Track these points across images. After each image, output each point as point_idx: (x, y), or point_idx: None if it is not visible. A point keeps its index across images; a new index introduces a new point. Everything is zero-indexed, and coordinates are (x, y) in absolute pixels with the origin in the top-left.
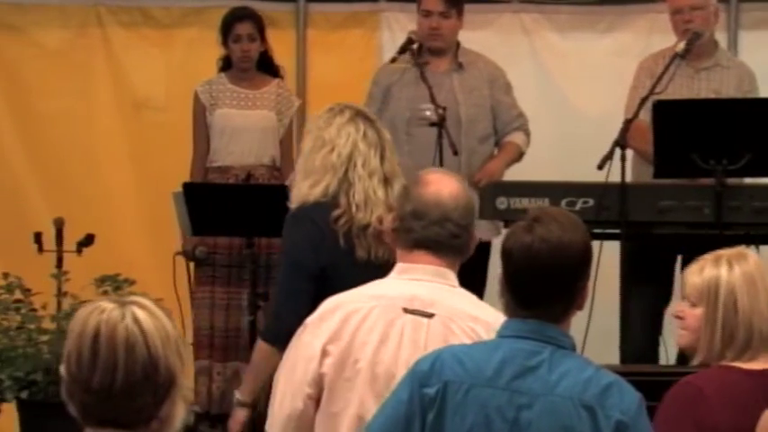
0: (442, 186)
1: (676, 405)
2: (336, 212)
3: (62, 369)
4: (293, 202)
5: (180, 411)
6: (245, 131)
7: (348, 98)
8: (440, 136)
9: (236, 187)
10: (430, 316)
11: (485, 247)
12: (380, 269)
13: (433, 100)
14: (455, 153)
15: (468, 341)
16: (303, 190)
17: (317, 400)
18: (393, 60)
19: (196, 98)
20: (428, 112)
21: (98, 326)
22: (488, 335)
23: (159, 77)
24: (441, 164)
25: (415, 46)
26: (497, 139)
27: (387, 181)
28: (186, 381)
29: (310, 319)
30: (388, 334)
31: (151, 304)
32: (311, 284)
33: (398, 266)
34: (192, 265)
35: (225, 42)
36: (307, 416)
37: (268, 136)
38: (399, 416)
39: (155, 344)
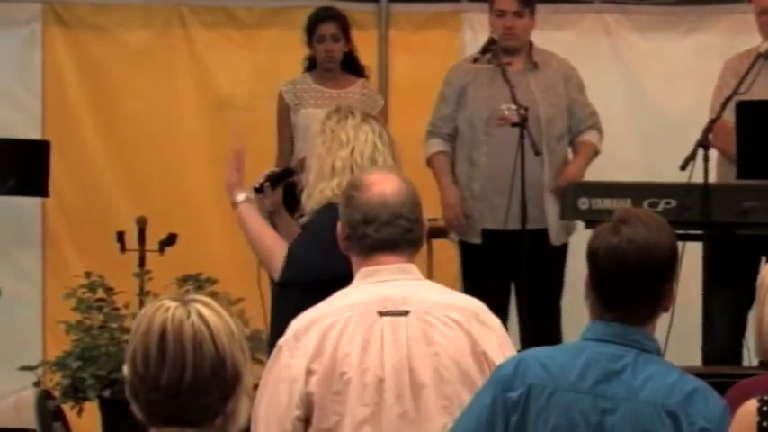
0: (385, 186)
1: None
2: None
3: (125, 369)
4: (313, 204)
5: (244, 407)
6: None
7: (430, 98)
8: (521, 136)
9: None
10: (405, 314)
11: (560, 250)
12: None
13: (514, 100)
14: (537, 153)
15: (447, 330)
16: (327, 192)
17: (305, 420)
18: (475, 60)
19: (280, 98)
20: (508, 112)
21: (164, 324)
22: (467, 319)
23: (242, 77)
24: (522, 164)
25: (497, 46)
26: (571, 138)
27: None
28: (251, 377)
29: (284, 340)
30: (369, 340)
31: (213, 302)
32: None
33: (360, 272)
34: None
35: (309, 42)
36: None
37: None
38: (482, 420)
39: (221, 340)
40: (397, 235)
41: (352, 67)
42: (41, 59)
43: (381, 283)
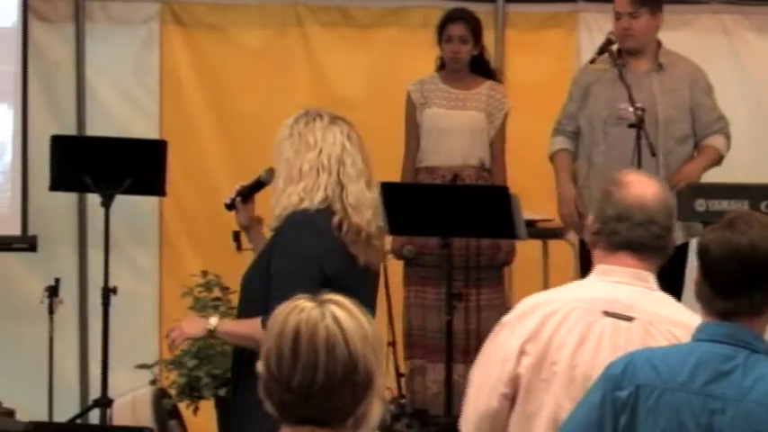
0: (645, 188)
1: None
2: (336, 219)
3: (259, 367)
4: (282, 208)
5: (376, 410)
6: (453, 132)
7: (546, 98)
8: (638, 137)
9: (432, 187)
10: (630, 319)
11: (680, 250)
12: (375, 275)
13: (631, 100)
14: (653, 154)
15: (665, 345)
16: (294, 196)
17: (511, 399)
18: (592, 61)
19: (408, 97)
20: (625, 112)
21: (298, 325)
22: (687, 339)
23: (358, 77)
24: (639, 164)
25: (614, 47)
26: (696, 141)
27: (368, 183)
28: (383, 379)
29: (507, 318)
30: (587, 337)
31: (349, 303)
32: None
33: (599, 268)
34: (400, 264)
35: (439, 42)
36: (501, 414)
37: (476, 137)
38: (592, 419)
39: (354, 343)
40: (648, 239)
41: (481, 68)
42: (159, 59)
43: (614, 284)
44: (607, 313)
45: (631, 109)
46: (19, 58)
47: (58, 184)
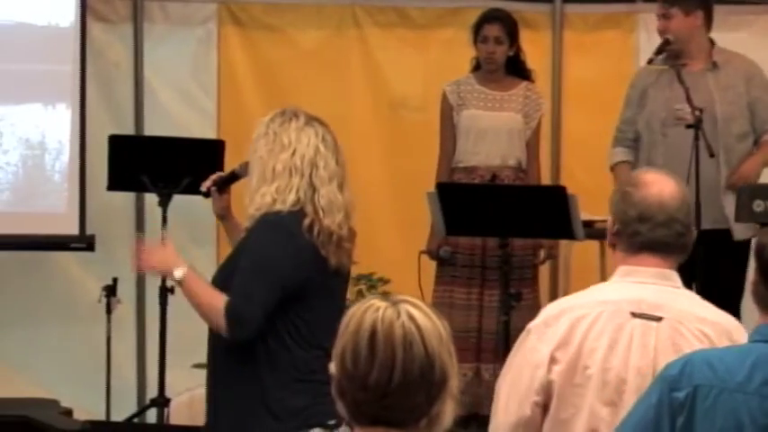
0: (664, 187)
1: None
2: (307, 221)
3: (332, 366)
4: (256, 208)
5: (449, 410)
6: (491, 132)
7: (603, 99)
8: (696, 138)
9: (490, 187)
10: (658, 319)
11: (744, 246)
12: (340, 276)
13: (689, 101)
14: (711, 155)
15: (697, 344)
16: (267, 197)
17: (543, 407)
18: (650, 62)
19: (444, 98)
20: (682, 113)
21: (374, 324)
22: (718, 336)
23: (415, 78)
24: (697, 165)
25: (672, 47)
26: (756, 138)
27: (341, 185)
28: (456, 380)
29: (534, 324)
30: (617, 339)
31: (422, 303)
32: (280, 296)
33: (621, 269)
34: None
35: (475, 42)
36: (534, 423)
37: (514, 138)
38: (648, 419)
39: (431, 342)
40: (671, 237)
41: (517, 69)
42: (216, 59)
43: (639, 284)
44: (635, 314)
45: (689, 109)
46: (77, 59)
47: (115, 183)
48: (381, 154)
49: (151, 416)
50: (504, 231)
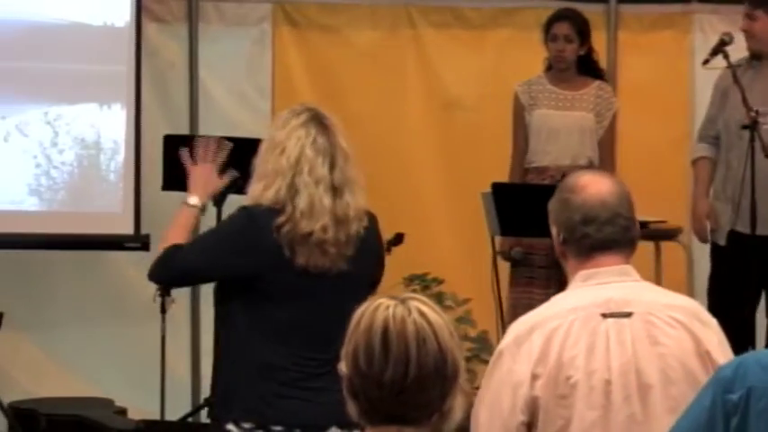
0: (601, 186)
1: None
2: (280, 220)
3: (343, 366)
4: (248, 201)
5: (460, 405)
6: (563, 132)
7: (659, 100)
8: (751, 139)
9: (544, 188)
10: (628, 315)
11: None
12: (317, 278)
13: (744, 102)
14: (766, 156)
15: (671, 330)
16: (256, 192)
17: (528, 425)
18: (705, 62)
19: (516, 98)
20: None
21: (386, 321)
22: (689, 319)
23: (470, 78)
24: (752, 165)
25: (728, 47)
26: None
27: (335, 190)
28: (464, 375)
29: (504, 345)
30: (594, 342)
31: (428, 300)
32: (215, 275)
33: (580, 275)
34: (506, 265)
35: (545, 42)
36: None
37: (586, 137)
38: (701, 422)
39: (443, 337)
40: (618, 234)
41: (589, 68)
42: (271, 59)
43: (602, 286)
44: (606, 315)
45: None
46: (132, 59)
47: (170, 183)
48: (435, 154)
49: (205, 415)
50: None
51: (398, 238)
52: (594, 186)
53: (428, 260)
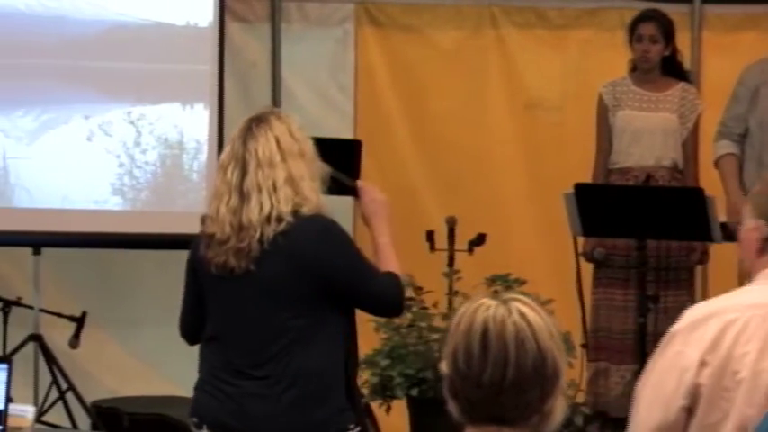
0: None
1: None
2: (200, 229)
3: (443, 366)
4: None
5: (560, 407)
6: (646, 133)
7: None
8: None
9: (626, 189)
10: None
11: None
12: (233, 281)
13: None
14: None
15: None
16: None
17: (688, 410)
18: None
19: (600, 99)
20: None
21: (486, 322)
22: None
23: (553, 78)
24: None
25: None
26: None
27: (234, 200)
28: (565, 378)
29: (678, 328)
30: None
31: (531, 301)
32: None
33: (766, 272)
34: (589, 266)
35: (630, 42)
36: (678, 427)
37: (669, 138)
38: None
39: (543, 338)
40: None
41: (673, 69)
42: (354, 59)
43: None
44: None
45: None
46: (215, 59)
47: None
48: (518, 154)
49: None
50: (642, 233)
51: (480, 239)
52: None
53: (510, 261)
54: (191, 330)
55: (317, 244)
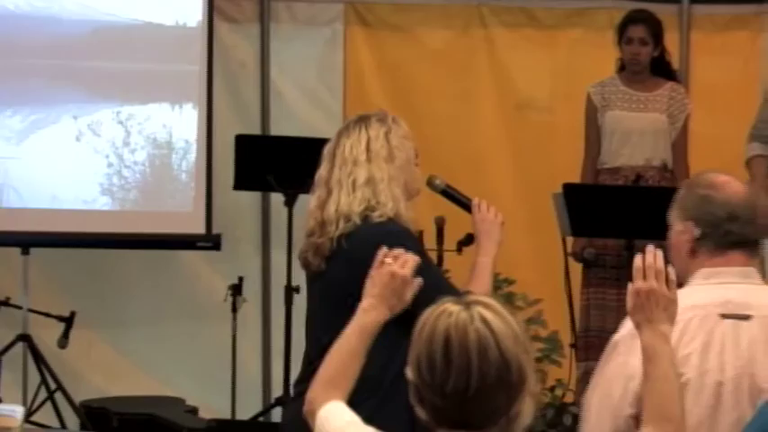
0: (738, 187)
1: None
2: None
3: (409, 373)
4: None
5: (528, 409)
6: (636, 133)
7: (732, 100)
8: None
9: (615, 189)
10: (747, 318)
11: None
12: (312, 278)
13: None
14: None
15: None
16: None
17: (636, 418)
18: None
19: (588, 99)
20: None
21: (448, 330)
22: None
23: (542, 78)
24: None
25: None
26: None
27: (329, 189)
28: (534, 377)
29: (620, 336)
30: (710, 342)
31: (495, 303)
32: None
33: (702, 272)
34: (578, 266)
35: (619, 43)
36: None
37: (659, 138)
38: None
39: (506, 344)
40: (757, 234)
41: (662, 70)
42: (343, 59)
43: (722, 285)
44: (724, 315)
45: None
46: (204, 59)
47: (241, 183)
48: (507, 154)
49: (276, 415)
50: (630, 233)
51: (469, 239)
52: (733, 186)
53: (499, 260)
54: None
55: (376, 251)
